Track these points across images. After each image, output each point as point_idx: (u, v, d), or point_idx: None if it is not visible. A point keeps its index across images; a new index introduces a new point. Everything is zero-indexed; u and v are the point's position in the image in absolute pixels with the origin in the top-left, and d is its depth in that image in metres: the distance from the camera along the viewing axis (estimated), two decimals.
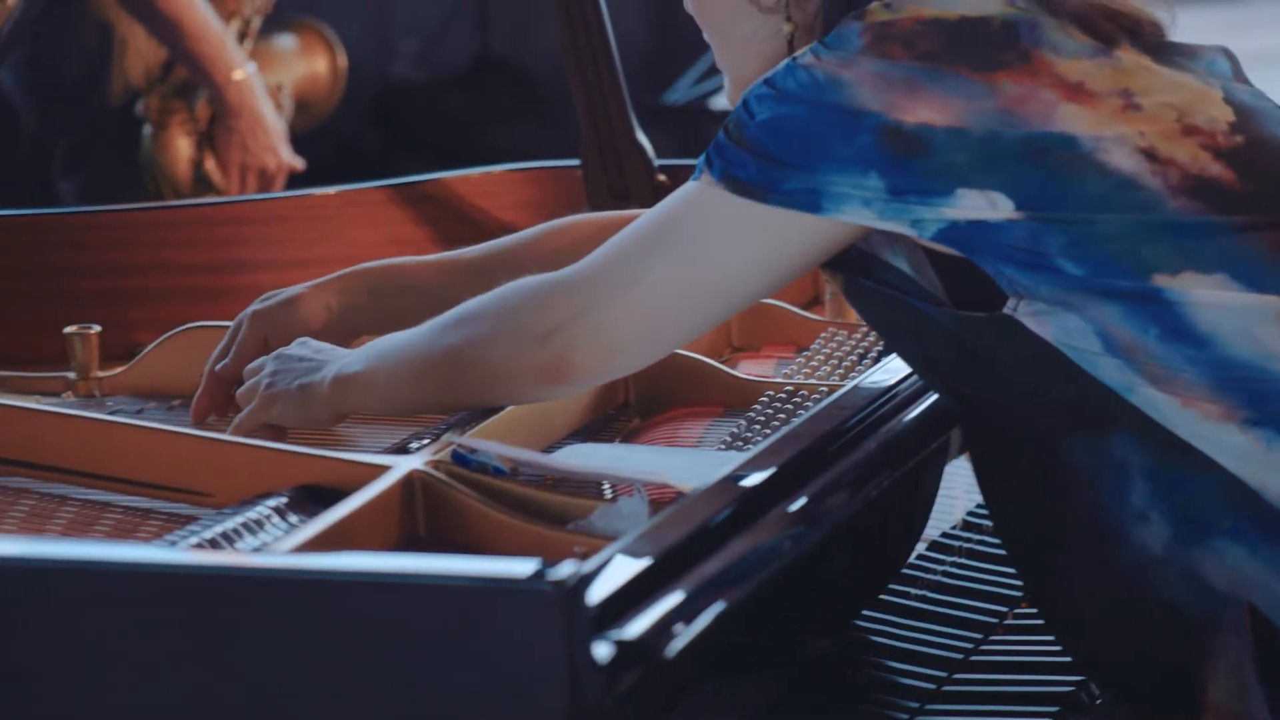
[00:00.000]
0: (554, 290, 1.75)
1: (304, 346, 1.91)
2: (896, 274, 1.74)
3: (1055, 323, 1.66)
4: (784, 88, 1.69)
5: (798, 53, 1.72)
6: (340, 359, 1.87)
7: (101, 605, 1.43)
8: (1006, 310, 1.67)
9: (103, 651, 1.43)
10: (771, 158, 1.68)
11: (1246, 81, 1.78)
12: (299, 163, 3.59)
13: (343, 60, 3.91)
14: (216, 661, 1.41)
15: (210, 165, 3.57)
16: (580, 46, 2.58)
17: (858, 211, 1.68)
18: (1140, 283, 1.65)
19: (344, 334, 2.02)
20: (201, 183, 3.58)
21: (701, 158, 1.73)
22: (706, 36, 1.88)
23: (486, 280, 1.84)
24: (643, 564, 1.46)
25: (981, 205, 1.66)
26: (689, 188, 1.73)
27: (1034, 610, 1.97)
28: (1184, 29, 1.81)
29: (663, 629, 1.42)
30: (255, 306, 2.03)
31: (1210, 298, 1.65)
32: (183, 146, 3.58)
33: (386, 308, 2.03)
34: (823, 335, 2.24)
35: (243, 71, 3.50)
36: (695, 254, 1.71)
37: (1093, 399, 1.67)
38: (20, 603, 1.44)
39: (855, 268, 1.76)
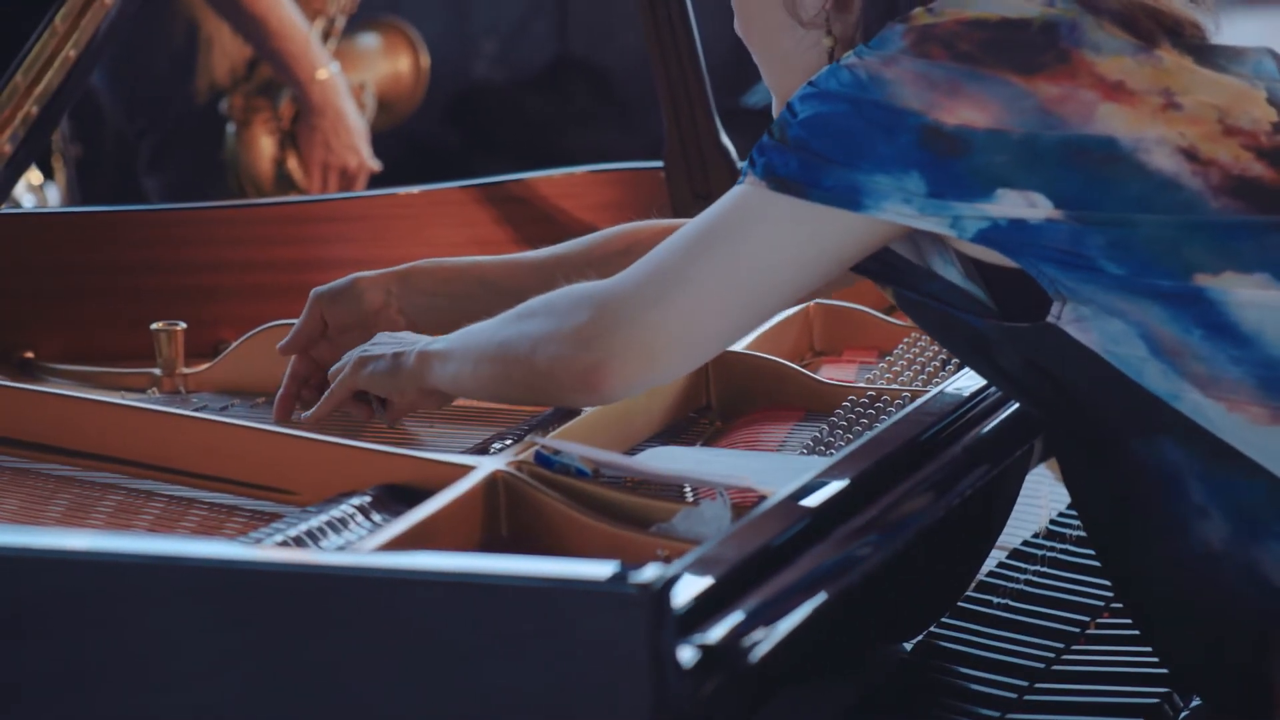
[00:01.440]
0: (599, 296, 1.75)
1: (400, 333, 1.95)
2: (943, 285, 1.74)
3: (1099, 329, 1.66)
4: (827, 87, 1.70)
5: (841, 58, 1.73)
6: (431, 339, 1.90)
7: (184, 602, 1.44)
8: (1050, 319, 1.67)
9: (185, 648, 1.43)
10: (813, 154, 1.69)
11: None
12: (378, 164, 3.61)
13: (425, 60, 3.93)
14: (296, 659, 1.41)
15: (292, 164, 3.59)
16: (666, 48, 2.58)
17: (898, 209, 1.68)
18: (1181, 282, 1.65)
19: (402, 323, 2.05)
20: (283, 181, 3.60)
21: (746, 161, 1.74)
22: (754, 56, 1.89)
23: (549, 281, 1.86)
24: (726, 568, 1.46)
25: (1021, 205, 1.66)
26: (731, 191, 1.75)
27: (1117, 620, 1.97)
28: (1251, 35, 1.80)
29: (746, 634, 1.42)
30: (318, 288, 2.07)
31: (1252, 297, 1.65)
32: (265, 145, 3.60)
33: (451, 298, 2.05)
34: (905, 340, 2.23)
35: (327, 71, 3.52)
36: (736, 254, 1.71)
37: (1140, 407, 1.67)
38: (101, 596, 1.45)
39: (904, 280, 1.76)
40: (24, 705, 1.46)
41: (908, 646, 1.88)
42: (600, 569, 1.36)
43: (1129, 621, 1.95)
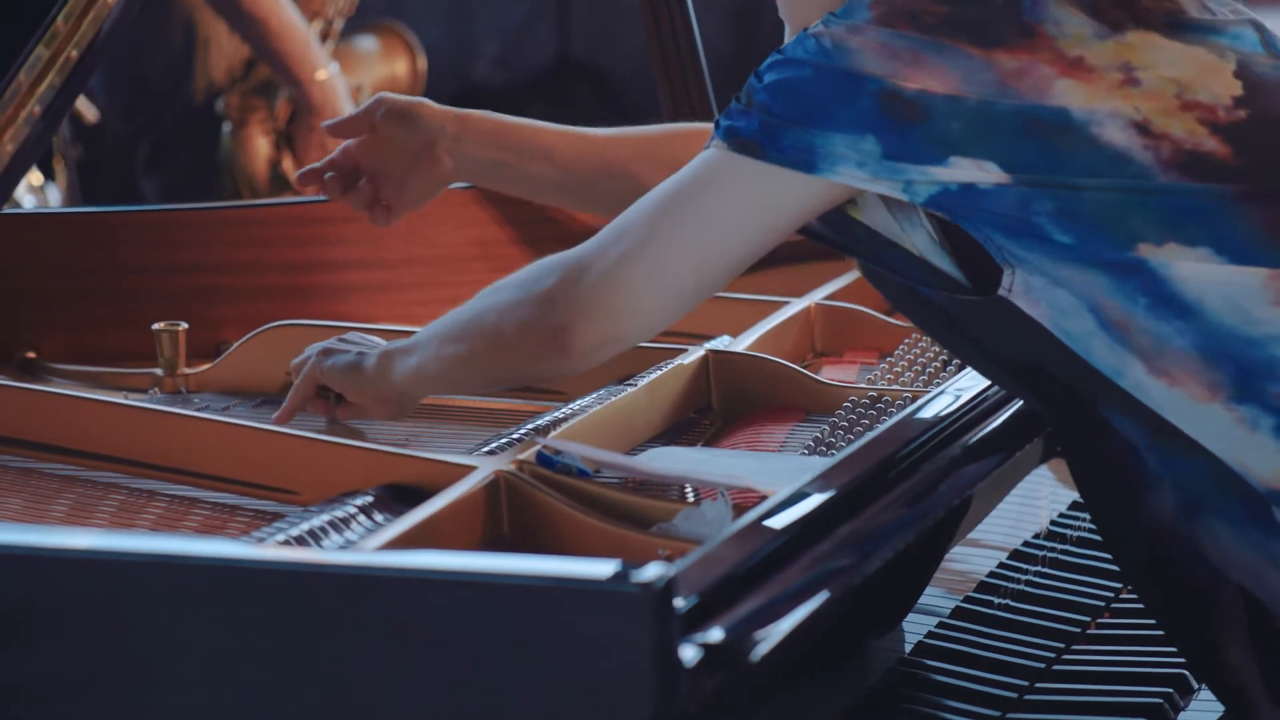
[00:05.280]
0: (565, 261, 1.78)
1: (368, 336, 1.98)
2: (903, 257, 1.76)
3: (1048, 301, 1.68)
4: (793, 54, 1.73)
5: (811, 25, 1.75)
6: (394, 341, 1.93)
7: (187, 601, 1.44)
8: (1001, 292, 1.69)
9: (187, 647, 1.44)
10: (774, 116, 1.72)
11: (1279, 55, 1.78)
12: None
13: (422, 63, 3.93)
14: (298, 658, 1.42)
15: (288, 164, 3.59)
16: (667, 48, 2.59)
17: (850, 173, 1.70)
18: (1125, 253, 1.67)
19: (447, 165, 2.09)
20: (279, 181, 3.61)
21: (714, 125, 1.77)
22: None
23: (602, 154, 1.88)
24: (727, 567, 1.46)
25: (973, 171, 1.68)
26: (698, 155, 1.77)
27: (1117, 620, 1.98)
28: None
29: (747, 633, 1.42)
30: (387, 94, 2.14)
31: (1194, 269, 1.67)
32: (261, 145, 3.60)
33: (503, 150, 2.10)
34: (906, 341, 2.23)
35: (326, 71, 3.53)
36: (697, 213, 1.74)
37: (1088, 383, 1.69)
38: (104, 595, 1.45)
39: (863, 251, 1.77)
40: (26, 704, 1.47)
41: (907, 646, 1.88)
42: (602, 568, 1.36)
43: (1130, 621, 1.95)
